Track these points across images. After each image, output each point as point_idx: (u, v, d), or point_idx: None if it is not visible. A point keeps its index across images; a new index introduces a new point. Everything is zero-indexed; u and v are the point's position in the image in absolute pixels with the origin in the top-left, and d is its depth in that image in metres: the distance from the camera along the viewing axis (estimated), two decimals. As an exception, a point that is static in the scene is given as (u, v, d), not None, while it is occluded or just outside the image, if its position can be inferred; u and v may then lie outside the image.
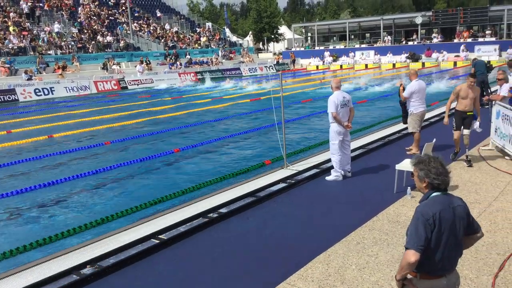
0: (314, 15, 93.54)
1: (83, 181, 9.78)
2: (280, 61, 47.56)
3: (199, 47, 45.98)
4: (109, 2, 46.55)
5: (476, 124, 9.33)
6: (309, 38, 62.31)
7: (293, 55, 49.36)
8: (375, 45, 50.00)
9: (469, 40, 43.91)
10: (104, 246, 5.92)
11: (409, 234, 3.13)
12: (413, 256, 3.05)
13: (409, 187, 7.48)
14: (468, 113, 9.06)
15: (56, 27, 37.39)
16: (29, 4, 38.57)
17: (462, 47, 41.35)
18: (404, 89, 10.02)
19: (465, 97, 8.98)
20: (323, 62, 47.67)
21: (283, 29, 69.45)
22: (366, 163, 9.63)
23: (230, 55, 46.78)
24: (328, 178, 8.67)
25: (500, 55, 39.14)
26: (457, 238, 3.16)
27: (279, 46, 67.30)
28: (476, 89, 9.18)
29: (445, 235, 3.10)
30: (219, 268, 5.40)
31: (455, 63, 39.46)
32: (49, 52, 34.43)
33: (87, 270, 5.38)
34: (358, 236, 6.01)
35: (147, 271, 5.41)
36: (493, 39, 43.03)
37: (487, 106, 12.22)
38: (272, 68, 44.33)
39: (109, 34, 40.30)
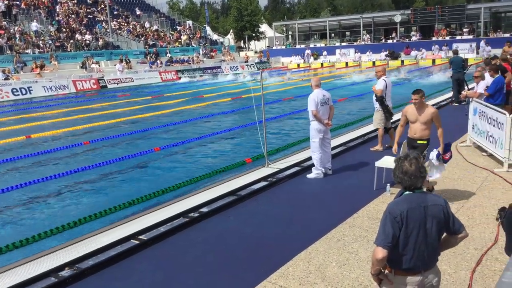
0: (295, 14, 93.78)
1: (62, 181, 9.64)
2: (249, 60, 46.82)
3: (179, 46, 45.70)
4: (88, 0, 45.95)
5: (432, 154, 6.77)
6: (290, 36, 62.47)
7: (262, 55, 48.93)
8: (355, 43, 50.34)
9: (447, 38, 44.51)
10: (83, 248, 5.84)
11: (378, 231, 3.19)
12: (380, 252, 3.11)
13: (388, 184, 7.55)
14: (418, 141, 6.87)
15: (34, 25, 36.77)
16: (6, 2, 37.85)
17: (443, 46, 41.83)
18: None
19: (413, 120, 6.84)
20: (304, 60, 47.81)
21: (264, 27, 69.49)
22: (346, 161, 9.69)
23: (211, 53, 46.60)
24: (309, 176, 8.70)
25: (477, 53, 39.75)
26: (430, 237, 3.17)
27: (260, 45, 67.34)
28: (427, 110, 6.75)
29: (414, 233, 3.13)
30: (200, 267, 5.38)
31: (433, 61, 39.97)
32: (26, 51, 33.83)
33: (66, 272, 5.31)
34: (339, 233, 6.04)
35: (127, 272, 5.35)
36: (470, 37, 43.70)
37: (464, 103, 12.44)
38: (253, 67, 44.31)
39: (88, 32, 39.79)
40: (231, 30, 66.83)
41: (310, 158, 9.03)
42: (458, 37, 44.31)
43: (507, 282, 0.97)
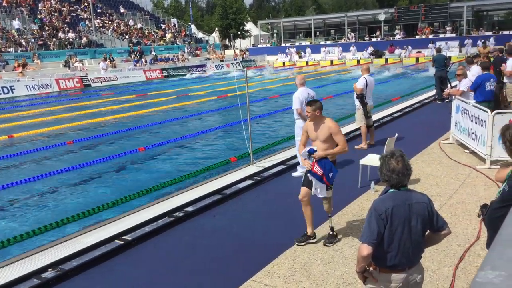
0: (280, 12, 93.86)
1: (44, 182, 9.53)
2: (225, 60, 45.97)
3: (164, 44, 45.44)
4: (71, -2, 45.49)
5: (319, 187, 5.59)
6: (275, 34, 62.51)
7: (236, 54, 48.56)
8: (339, 42, 50.55)
9: (431, 36, 44.94)
10: (67, 249, 5.77)
11: (363, 228, 3.21)
12: (365, 249, 3.12)
13: (372, 182, 7.60)
14: None
15: (16, 23, 36.25)
16: (-14, 0, 37.31)
17: (429, 44, 42.11)
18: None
19: (313, 138, 5.74)
20: (290, 58, 47.86)
21: (249, 25, 69.44)
22: (331, 159, 9.70)
23: (196, 51, 46.41)
24: (294, 174, 8.71)
25: (460, 51, 40.19)
26: (414, 234, 3.20)
27: (246, 43, 67.29)
28: (324, 125, 5.60)
29: (399, 230, 3.16)
30: (186, 267, 5.36)
31: (417, 59, 40.34)
32: (8, 49, 33.34)
33: (49, 274, 5.24)
34: (324, 231, 6.06)
35: (111, 273, 5.31)
36: (453, 35, 44.18)
37: (447, 101, 12.58)
38: (238, 65, 44.24)
39: (71, 30, 39.36)
40: (216, 28, 66.66)
41: (295, 157, 9.04)
42: (441, 35, 44.76)
43: (480, 282, 0.98)
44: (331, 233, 5.76)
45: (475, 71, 11.58)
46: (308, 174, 5.61)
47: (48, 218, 7.50)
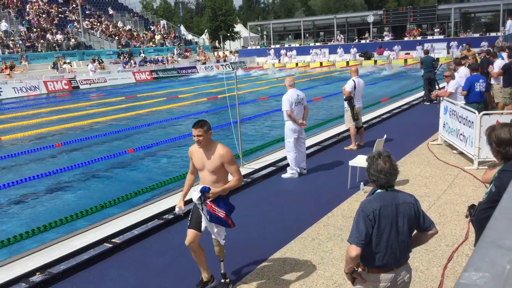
0: (269, 13, 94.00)
1: (33, 185, 9.44)
2: (208, 62, 45.48)
3: (153, 45, 45.28)
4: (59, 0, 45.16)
5: (197, 189, 4.55)
6: (264, 36, 62.59)
7: (219, 56, 48.57)
8: (329, 43, 50.72)
9: (419, 38, 45.26)
10: (55, 252, 5.73)
11: (351, 229, 3.23)
12: (354, 250, 3.14)
13: (362, 183, 7.64)
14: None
15: (3, 25, 35.92)
16: (-27, 1, 36.94)
17: (417, 46, 42.33)
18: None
19: (200, 167, 4.76)
20: (279, 60, 47.91)
21: (239, 27, 69.46)
22: (321, 160, 9.76)
23: (186, 53, 46.31)
24: (284, 175, 8.72)
25: (448, 52, 40.52)
26: (401, 234, 3.23)
27: (235, 45, 67.28)
28: (216, 152, 4.66)
29: (386, 231, 3.18)
30: (175, 270, 5.34)
31: (405, 61, 40.61)
32: (-5, 51, 33.10)
33: (37, 278, 5.20)
34: (313, 233, 6.08)
35: (100, 277, 5.27)
36: (441, 37, 44.54)
37: (435, 102, 12.68)
38: (228, 67, 44.21)
39: (59, 32, 39.09)
40: (206, 30, 66.61)
41: (285, 158, 9.06)
42: (430, 37, 45.11)
43: (464, 283, 0.99)
44: (222, 280, 4.86)
45: (463, 72, 11.68)
46: (202, 218, 4.65)
47: (37, 221, 7.44)
